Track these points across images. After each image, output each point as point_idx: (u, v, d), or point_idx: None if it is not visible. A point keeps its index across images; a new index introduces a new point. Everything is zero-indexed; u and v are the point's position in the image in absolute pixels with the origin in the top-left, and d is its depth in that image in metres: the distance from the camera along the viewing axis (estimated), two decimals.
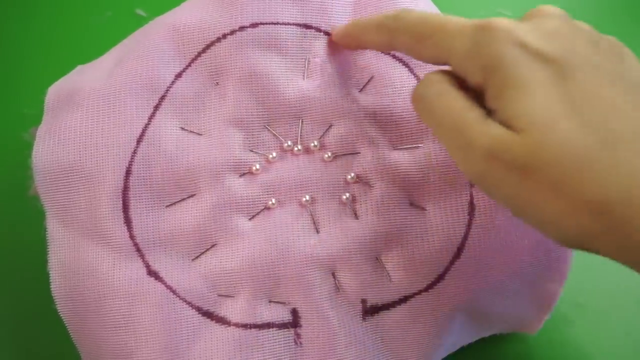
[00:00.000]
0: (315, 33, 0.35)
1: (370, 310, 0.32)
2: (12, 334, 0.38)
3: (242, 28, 0.34)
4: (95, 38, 0.46)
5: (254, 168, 0.33)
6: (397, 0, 0.35)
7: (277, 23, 0.34)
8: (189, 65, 0.34)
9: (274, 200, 0.33)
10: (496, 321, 0.35)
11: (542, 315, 0.36)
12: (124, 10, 0.47)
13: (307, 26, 0.35)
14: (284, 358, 0.32)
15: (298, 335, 0.32)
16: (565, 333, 0.39)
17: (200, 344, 0.31)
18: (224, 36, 0.34)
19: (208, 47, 0.34)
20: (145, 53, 0.34)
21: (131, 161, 0.32)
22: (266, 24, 0.34)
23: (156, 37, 0.34)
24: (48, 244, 0.33)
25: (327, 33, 0.35)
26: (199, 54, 0.34)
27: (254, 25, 0.34)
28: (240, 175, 0.33)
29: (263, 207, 0.33)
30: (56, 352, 0.37)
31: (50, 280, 0.32)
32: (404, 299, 0.32)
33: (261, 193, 0.33)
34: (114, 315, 0.31)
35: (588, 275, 0.40)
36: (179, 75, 0.34)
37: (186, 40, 0.34)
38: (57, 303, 0.32)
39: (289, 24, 0.34)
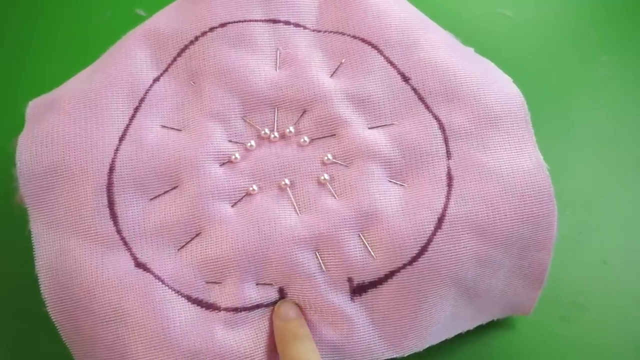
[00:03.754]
0: (284, 26, 0.36)
1: (358, 290, 0.32)
2: (5, 338, 0.38)
3: (212, 29, 0.36)
4: (96, 38, 0.46)
5: (233, 157, 0.34)
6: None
7: (245, 21, 0.36)
8: (165, 70, 0.36)
9: (254, 187, 0.34)
10: (489, 300, 0.35)
11: (534, 292, 0.36)
12: (124, 10, 0.47)
13: (274, 21, 0.36)
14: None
15: None
16: (565, 333, 0.39)
17: (193, 331, 0.31)
18: (196, 38, 0.36)
19: (182, 50, 0.36)
20: (123, 60, 0.35)
21: (114, 158, 0.33)
22: (234, 22, 0.36)
23: (133, 46, 0.36)
24: (34, 247, 0.33)
25: (296, 25, 0.36)
26: (174, 59, 0.36)
27: (223, 25, 0.36)
28: (220, 165, 0.34)
29: (244, 194, 0.34)
30: (50, 356, 0.37)
31: (39, 283, 0.32)
32: (389, 275, 0.32)
33: (242, 180, 0.34)
34: (105, 310, 0.32)
35: (588, 275, 0.40)
36: (156, 79, 0.35)
37: (161, 47, 0.36)
38: (47, 305, 0.32)
39: (256, 20, 0.36)
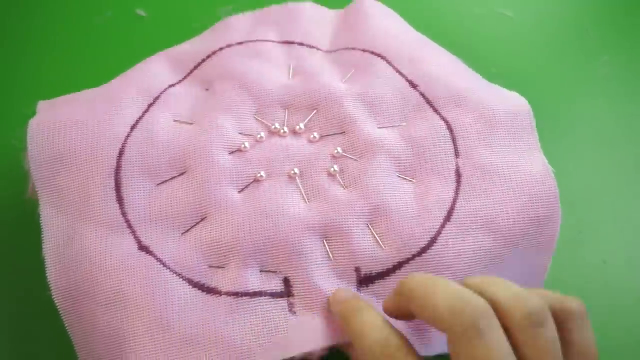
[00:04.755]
0: (298, 46, 0.39)
1: (365, 280, 0.32)
2: (8, 331, 0.38)
3: (229, 45, 0.38)
4: (96, 38, 0.47)
5: (242, 146, 0.34)
6: (372, 24, 0.39)
7: (261, 40, 0.39)
8: (182, 79, 0.38)
9: (262, 173, 0.34)
10: None
11: None
12: (124, 10, 0.48)
13: (289, 42, 0.39)
14: (280, 324, 0.31)
15: (292, 305, 0.31)
16: None
17: (191, 315, 0.31)
18: (213, 53, 0.38)
19: (199, 64, 0.38)
20: (142, 68, 0.38)
21: (124, 143, 0.34)
22: (250, 41, 0.39)
23: (152, 62, 0.38)
24: (42, 231, 0.33)
25: (309, 46, 0.39)
26: (191, 71, 0.38)
27: (240, 43, 0.39)
28: (229, 153, 0.34)
29: (252, 180, 0.34)
30: (51, 350, 0.37)
31: (46, 266, 0.32)
32: (398, 266, 0.32)
33: (250, 168, 0.34)
34: (106, 292, 0.31)
35: (588, 275, 0.40)
36: (172, 85, 0.37)
37: (180, 64, 0.38)
38: (52, 288, 0.32)
39: (272, 41, 0.39)
